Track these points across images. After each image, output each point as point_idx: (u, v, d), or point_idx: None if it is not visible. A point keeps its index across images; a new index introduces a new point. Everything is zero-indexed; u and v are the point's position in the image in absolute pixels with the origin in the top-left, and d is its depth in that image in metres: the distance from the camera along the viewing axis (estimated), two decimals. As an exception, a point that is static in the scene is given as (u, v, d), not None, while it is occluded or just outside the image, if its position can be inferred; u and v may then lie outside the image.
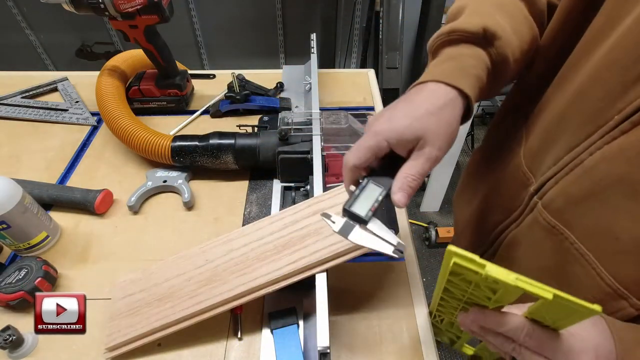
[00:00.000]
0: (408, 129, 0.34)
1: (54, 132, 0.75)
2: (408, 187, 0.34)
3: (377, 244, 0.35)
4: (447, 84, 0.36)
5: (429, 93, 0.36)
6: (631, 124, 0.30)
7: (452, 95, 0.36)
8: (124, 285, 0.50)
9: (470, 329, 0.35)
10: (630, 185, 0.31)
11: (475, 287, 0.31)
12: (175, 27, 1.71)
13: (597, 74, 0.33)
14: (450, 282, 0.32)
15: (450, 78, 0.36)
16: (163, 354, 0.46)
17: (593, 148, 0.33)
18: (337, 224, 0.36)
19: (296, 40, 1.79)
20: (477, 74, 0.37)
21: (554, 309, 0.28)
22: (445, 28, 0.40)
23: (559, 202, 0.38)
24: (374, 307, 0.50)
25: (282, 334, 0.46)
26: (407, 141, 0.35)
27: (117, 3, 0.61)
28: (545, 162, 0.40)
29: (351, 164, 0.36)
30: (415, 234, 1.67)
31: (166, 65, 0.73)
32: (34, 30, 1.77)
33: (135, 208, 0.61)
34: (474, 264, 0.28)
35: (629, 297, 0.33)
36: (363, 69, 0.91)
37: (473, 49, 0.38)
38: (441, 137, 0.34)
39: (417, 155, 0.34)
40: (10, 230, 0.51)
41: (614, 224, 0.33)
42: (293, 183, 0.63)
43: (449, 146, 0.36)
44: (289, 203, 0.60)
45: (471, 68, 0.37)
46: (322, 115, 0.65)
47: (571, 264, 0.37)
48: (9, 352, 0.45)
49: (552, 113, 0.40)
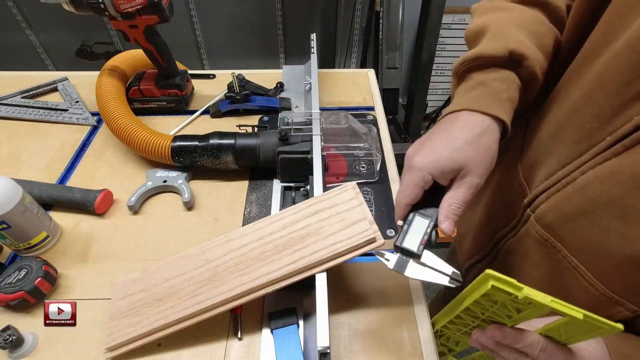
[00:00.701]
0: (449, 160, 0.35)
1: (54, 132, 0.75)
2: (453, 214, 0.35)
3: (433, 276, 0.37)
4: (481, 112, 0.36)
5: (464, 123, 0.37)
6: (623, 147, 0.30)
7: (487, 122, 0.36)
8: (123, 285, 0.50)
9: (485, 345, 0.36)
10: (621, 207, 0.31)
11: (501, 306, 0.32)
12: (175, 27, 1.71)
13: (590, 93, 0.34)
14: (476, 303, 0.34)
15: (483, 106, 0.36)
16: (163, 354, 0.46)
17: (585, 167, 0.33)
18: (392, 262, 0.37)
19: (296, 40, 1.79)
20: (509, 97, 0.38)
21: (576, 327, 0.29)
22: (470, 54, 0.40)
23: (550, 217, 0.38)
24: (374, 307, 0.50)
25: (282, 334, 0.46)
26: (449, 172, 0.35)
27: (117, 3, 0.61)
28: (539, 176, 0.40)
29: (403, 203, 0.37)
30: (415, 234, 1.66)
31: (166, 65, 0.73)
32: (34, 30, 1.77)
33: (135, 208, 0.61)
34: (512, 287, 0.29)
35: (624, 302, 0.34)
36: (363, 69, 0.91)
37: (502, 73, 0.38)
38: (481, 164, 0.35)
39: (460, 185, 0.35)
40: (10, 230, 0.51)
41: (605, 241, 0.33)
42: (293, 183, 0.63)
43: (489, 171, 0.36)
44: (289, 203, 0.60)
45: (502, 92, 0.37)
46: (322, 115, 0.65)
47: (564, 275, 0.38)
48: (9, 352, 0.45)
49: (549, 126, 0.40)
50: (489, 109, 0.36)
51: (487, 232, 0.52)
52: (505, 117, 0.36)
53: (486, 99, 0.37)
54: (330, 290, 0.42)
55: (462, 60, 0.41)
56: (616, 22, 0.32)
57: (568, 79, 0.39)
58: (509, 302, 0.31)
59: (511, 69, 0.39)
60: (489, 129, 0.36)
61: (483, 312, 0.35)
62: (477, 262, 0.55)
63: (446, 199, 0.36)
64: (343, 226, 0.45)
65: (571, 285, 0.37)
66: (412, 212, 0.38)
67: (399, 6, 1.52)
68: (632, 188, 0.30)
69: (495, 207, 0.50)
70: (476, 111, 0.37)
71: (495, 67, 0.39)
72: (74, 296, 0.51)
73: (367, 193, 0.62)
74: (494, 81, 0.38)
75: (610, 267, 0.34)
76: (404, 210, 0.38)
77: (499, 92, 0.37)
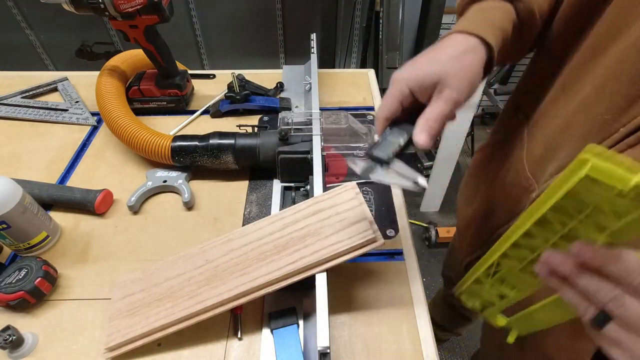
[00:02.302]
0: (427, 73, 0.34)
1: (54, 132, 0.75)
2: (429, 127, 0.34)
3: (398, 180, 0.35)
4: (469, 33, 0.36)
5: (451, 41, 0.37)
6: (637, 138, 0.30)
7: (473, 42, 0.36)
8: (123, 285, 0.50)
9: (559, 268, 0.27)
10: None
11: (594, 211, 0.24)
12: (175, 27, 1.70)
13: (602, 85, 0.33)
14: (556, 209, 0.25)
15: (473, 28, 0.36)
16: (163, 354, 0.46)
17: None
18: (359, 167, 0.36)
19: (296, 40, 1.79)
20: (502, 26, 0.37)
21: None
22: None
23: None
24: (374, 307, 0.50)
25: (282, 334, 0.46)
26: (427, 86, 0.35)
27: (117, 3, 0.61)
28: (548, 170, 0.40)
29: (382, 117, 0.36)
30: (415, 234, 1.67)
31: (166, 65, 0.73)
32: (34, 30, 1.76)
33: (135, 208, 0.61)
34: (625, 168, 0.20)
35: None
36: (363, 69, 0.91)
37: (500, 3, 0.39)
38: (460, 79, 0.34)
39: (437, 99, 0.34)
40: (10, 230, 0.51)
41: None
42: (293, 183, 0.63)
43: (470, 90, 0.35)
44: (289, 203, 0.60)
45: (497, 20, 0.38)
46: (322, 115, 0.65)
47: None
48: (9, 352, 0.45)
49: (557, 120, 0.40)
50: (476, 31, 0.36)
51: (487, 227, 0.51)
52: (493, 41, 0.36)
53: (479, 23, 0.37)
54: (330, 290, 0.42)
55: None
56: (626, 13, 0.32)
57: (575, 73, 0.39)
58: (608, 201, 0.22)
59: (510, 1, 0.39)
60: (474, 49, 0.36)
61: (564, 224, 0.26)
62: (477, 258, 0.55)
63: (423, 114, 0.35)
64: (343, 226, 0.45)
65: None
66: (390, 127, 0.37)
67: (399, 6, 1.52)
68: None
69: (497, 202, 0.50)
70: (464, 32, 0.37)
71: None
72: (74, 296, 0.51)
73: (367, 193, 0.62)
74: (491, 9, 0.39)
75: None
76: (383, 124, 0.37)
77: (493, 18, 0.38)
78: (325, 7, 1.43)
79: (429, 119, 0.34)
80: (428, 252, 1.61)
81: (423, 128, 0.34)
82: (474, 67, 0.35)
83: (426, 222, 1.67)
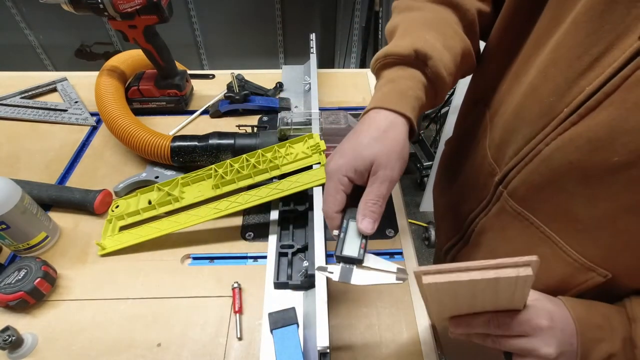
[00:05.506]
0: (358, 159, 0.36)
1: (53, 133, 0.75)
2: (370, 212, 0.36)
3: (380, 277, 0.37)
4: (386, 108, 0.38)
5: (371, 120, 0.38)
6: (578, 116, 0.32)
7: (391, 117, 0.38)
8: None
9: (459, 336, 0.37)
10: (582, 171, 0.33)
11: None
12: (175, 27, 1.71)
13: (545, 70, 0.36)
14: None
15: (388, 103, 0.38)
16: (163, 354, 0.46)
17: (548, 139, 0.35)
18: (336, 274, 0.37)
19: (296, 40, 1.79)
20: (414, 95, 0.39)
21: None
22: (381, 52, 0.42)
23: (522, 190, 0.40)
24: (374, 307, 0.50)
25: (282, 334, 0.46)
26: (362, 170, 0.36)
27: (116, 3, 0.61)
28: (508, 153, 0.41)
29: (331, 212, 0.37)
30: (415, 234, 1.67)
31: (165, 65, 0.73)
32: (33, 31, 1.76)
33: (120, 194, 0.62)
34: None
35: (596, 268, 0.36)
36: (362, 69, 0.91)
37: (408, 71, 0.40)
38: (391, 157, 0.36)
39: (373, 181, 0.36)
40: (9, 230, 0.51)
41: (573, 206, 0.35)
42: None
43: (402, 164, 0.37)
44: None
45: (408, 90, 0.39)
46: (321, 115, 0.65)
47: (539, 245, 0.40)
48: (9, 353, 0.45)
49: (511, 107, 0.42)
50: (393, 106, 0.38)
51: (460, 215, 0.53)
52: (410, 113, 0.38)
53: (392, 96, 0.39)
54: (330, 290, 0.42)
55: (376, 57, 0.43)
56: (562, 3, 0.34)
57: (523, 61, 0.41)
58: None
59: (417, 68, 0.41)
60: (394, 124, 0.37)
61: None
62: (455, 244, 0.56)
63: (362, 198, 0.36)
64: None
65: (547, 256, 0.38)
66: (346, 220, 0.38)
67: (398, 6, 1.52)
68: (589, 152, 0.32)
69: (468, 189, 0.52)
70: (382, 108, 0.38)
71: (403, 65, 0.41)
72: (74, 296, 0.51)
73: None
74: (400, 79, 0.40)
75: (580, 231, 0.36)
76: (337, 220, 0.38)
77: (405, 89, 0.39)
78: (324, 7, 1.43)
79: (368, 201, 0.36)
80: (428, 252, 1.61)
81: (364, 214, 0.36)
82: (399, 141, 0.37)
83: (426, 222, 1.68)
